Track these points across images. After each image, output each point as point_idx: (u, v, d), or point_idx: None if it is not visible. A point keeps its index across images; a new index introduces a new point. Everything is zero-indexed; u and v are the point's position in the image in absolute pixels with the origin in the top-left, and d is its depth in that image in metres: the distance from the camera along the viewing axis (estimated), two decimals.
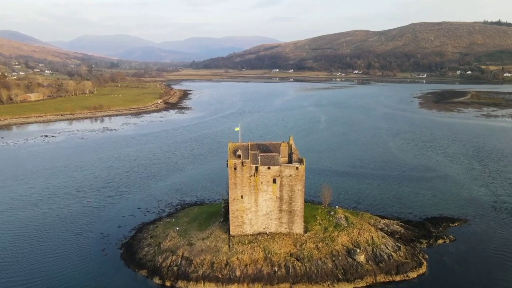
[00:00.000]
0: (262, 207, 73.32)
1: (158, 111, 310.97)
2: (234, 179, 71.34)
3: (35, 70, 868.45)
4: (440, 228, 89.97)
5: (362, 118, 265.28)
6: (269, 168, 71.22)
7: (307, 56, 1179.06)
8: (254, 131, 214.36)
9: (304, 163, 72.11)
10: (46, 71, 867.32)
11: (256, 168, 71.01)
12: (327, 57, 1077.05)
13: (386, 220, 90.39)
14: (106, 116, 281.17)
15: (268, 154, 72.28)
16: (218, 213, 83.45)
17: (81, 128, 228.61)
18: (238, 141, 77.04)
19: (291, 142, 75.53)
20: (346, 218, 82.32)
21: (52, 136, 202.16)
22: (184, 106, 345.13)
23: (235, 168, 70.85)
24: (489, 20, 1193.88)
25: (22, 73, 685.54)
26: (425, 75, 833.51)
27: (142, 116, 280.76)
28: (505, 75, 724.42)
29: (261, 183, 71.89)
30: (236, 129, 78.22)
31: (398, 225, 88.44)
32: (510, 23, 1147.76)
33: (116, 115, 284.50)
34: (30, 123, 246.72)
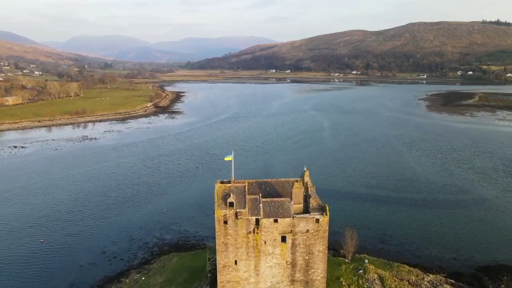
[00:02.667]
0: (265, 277, 50.17)
1: (146, 116, 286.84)
2: (224, 237, 48.17)
3: (24, 71, 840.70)
4: (502, 286, 67.32)
5: (369, 124, 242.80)
6: (276, 221, 48.14)
7: (304, 57, 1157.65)
8: (250, 141, 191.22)
9: (328, 212, 49.08)
10: (36, 72, 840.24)
11: (257, 221, 47.93)
12: (324, 57, 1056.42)
13: (431, 275, 67.39)
14: (89, 122, 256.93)
15: (275, 200, 49.23)
16: (203, 273, 60.31)
17: (58, 137, 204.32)
18: (230, 176, 53.92)
19: (307, 179, 52.46)
20: (381, 279, 59.48)
21: (22, 147, 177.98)
22: (176, 110, 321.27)
23: (225, 222, 47.71)
24: (488, 20, 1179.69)
25: (10, 74, 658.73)
26: (425, 76, 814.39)
27: (128, 122, 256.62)
28: (507, 75, 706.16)
29: (265, 242, 48.80)
30: (227, 158, 54.81)
31: (448, 284, 65.47)
32: (509, 22, 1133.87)
33: (100, 121, 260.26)
34: (2, 130, 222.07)
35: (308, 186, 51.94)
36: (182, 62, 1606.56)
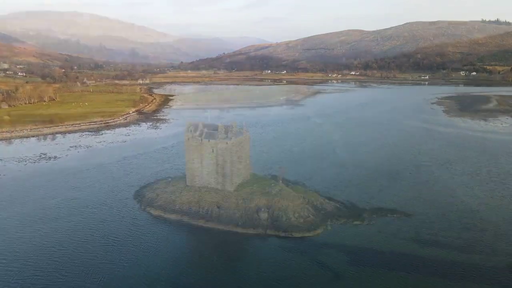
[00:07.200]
0: None
1: (126, 125, 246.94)
2: None
3: (7, 72, 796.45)
4: None
5: (387, 137, 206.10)
6: None
7: (300, 57, 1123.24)
8: None
9: None
10: (20, 74, 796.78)
11: None
12: (321, 58, 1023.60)
13: None
14: (57, 133, 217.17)
15: None
16: None
17: (9, 155, 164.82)
18: None
19: None
20: None
21: None
22: (161, 117, 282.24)
23: None
24: (487, 19, 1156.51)
25: None
26: (427, 76, 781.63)
27: (103, 134, 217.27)
28: None
29: None
30: None
31: None
32: (509, 22, 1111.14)
33: (70, 132, 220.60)
34: None
35: None
36: (175, 63, 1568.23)
